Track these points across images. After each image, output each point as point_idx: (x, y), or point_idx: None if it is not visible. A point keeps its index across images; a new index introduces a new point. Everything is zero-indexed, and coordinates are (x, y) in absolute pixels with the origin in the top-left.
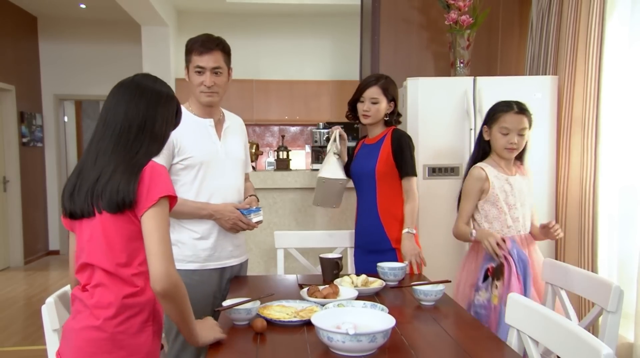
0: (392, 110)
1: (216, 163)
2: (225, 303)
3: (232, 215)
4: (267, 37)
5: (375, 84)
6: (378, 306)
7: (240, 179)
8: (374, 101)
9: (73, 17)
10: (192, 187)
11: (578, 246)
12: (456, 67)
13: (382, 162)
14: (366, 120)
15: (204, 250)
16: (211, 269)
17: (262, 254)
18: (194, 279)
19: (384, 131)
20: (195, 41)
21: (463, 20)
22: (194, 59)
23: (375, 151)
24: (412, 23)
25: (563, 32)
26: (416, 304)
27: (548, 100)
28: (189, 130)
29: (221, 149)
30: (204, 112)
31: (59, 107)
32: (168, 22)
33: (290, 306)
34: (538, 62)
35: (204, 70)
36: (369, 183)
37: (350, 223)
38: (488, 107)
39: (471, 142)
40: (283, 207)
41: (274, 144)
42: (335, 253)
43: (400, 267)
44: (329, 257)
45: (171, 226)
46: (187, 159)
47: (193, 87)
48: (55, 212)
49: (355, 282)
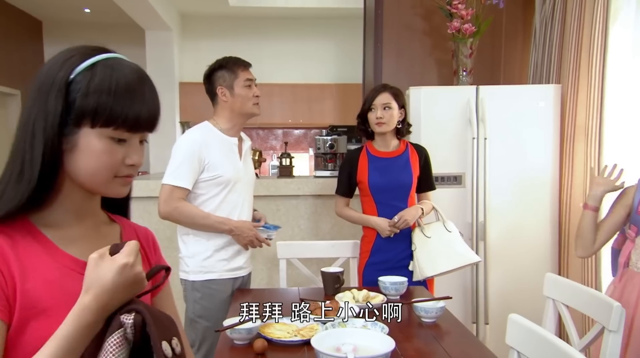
0: (402, 118)
1: (238, 181)
2: (226, 323)
3: (250, 233)
4: (270, 40)
5: (384, 90)
6: (379, 325)
7: (253, 197)
8: (386, 106)
9: (78, 22)
10: (214, 202)
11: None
12: (459, 76)
13: (415, 176)
14: (381, 127)
15: (220, 261)
16: (226, 279)
17: (265, 262)
18: (212, 288)
19: (401, 144)
20: (235, 60)
21: (466, 28)
22: (241, 74)
23: (403, 164)
24: (415, 30)
25: (566, 40)
26: (417, 320)
27: (551, 108)
28: (218, 147)
29: (242, 168)
30: (232, 130)
31: None
32: (172, 26)
33: (291, 324)
34: (541, 71)
35: (253, 82)
36: (400, 197)
37: (354, 231)
38: (491, 115)
39: (474, 151)
40: (286, 214)
41: (277, 147)
42: (337, 265)
43: (401, 281)
44: (330, 271)
45: (189, 238)
46: (217, 176)
47: (240, 101)
48: None
49: (356, 297)
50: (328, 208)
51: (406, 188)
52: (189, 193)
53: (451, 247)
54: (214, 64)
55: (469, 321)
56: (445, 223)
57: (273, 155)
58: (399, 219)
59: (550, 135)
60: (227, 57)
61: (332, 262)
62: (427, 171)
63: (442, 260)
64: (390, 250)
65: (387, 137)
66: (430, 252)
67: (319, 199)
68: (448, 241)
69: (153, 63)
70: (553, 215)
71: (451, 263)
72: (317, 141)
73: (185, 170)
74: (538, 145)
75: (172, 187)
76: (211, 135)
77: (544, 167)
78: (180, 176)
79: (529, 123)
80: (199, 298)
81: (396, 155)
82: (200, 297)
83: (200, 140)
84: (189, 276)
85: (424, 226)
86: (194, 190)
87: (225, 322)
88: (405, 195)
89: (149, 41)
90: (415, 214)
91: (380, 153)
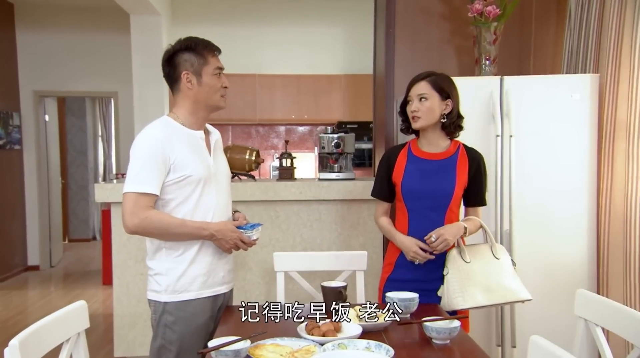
0: (449, 110)
1: (210, 179)
2: (212, 344)
3: (233, 235)
4: (271, 25)
5: (422, 79)
6: (383, 347)
7: (230, 195)
8: (422, 97)
9: (54, 4)
10: (186, 206)
11: (623, 272)
12: (481, 65)
13: (460, 186)
14: (417, 123)
15: (197, 277)
16: (205, 298)
17: (263, 274)
18: (188, 312)
19: (451, 145)
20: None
21: (489, 11)
22: (211, 60)
23: (447, 169)
24: (432, 13)
25: (606, 23)
26: (428, 342)
27: (588, 101)
28: (183, 143)
29: (213, 163)
30: (196, 123)
31: (39, 104)
32: (160, 10)
33: (285, 345)
34: (577, 58)
35: (221, 71)
36: (436, 207)
37: (363, 242)
38: (517, 110)
39: (498, 150)
40: (287, 222)
41: (279, 147)
42: (340, 279)
43: (411, 298)
44: (331, 285)
45: (155, 254)
46: (186, 176)
47: (207, 91)
48: (35, 222)
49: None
50: (334, 215)
51: (445, 198)
52: (157, 200)
53: (495, 278)
54: (179, 44)
55: (492, 344)
56: (493, 247)
57: (274, 155)
58: (436, 238)
59: (586, 133)
60: (193, 37)
61: (337, 275)
62: (478, 182)
63: (478, 291)
64: (418, 267)
65: (432, 135)
66: (466, 281)
67: (324, 205)
68: (492, 270)
69: (139, 51)
70: (590, 224)
71: (490, 298)
72: (321, 139)
73: (150, 173)
74: (572, 144)
75: (137, 194)
76: (173, 130)
77: (579, 169)
78: (145, 180)
79: (561, 118)
80: (171, 323)
81: (442, 157)
82: (173, 321)
83: (162, 136)
84: (160, 296)
85: (464, 248)
86: (161, 195)
87: (211, 342)
88: (443, 206)
89: (134, 27)
90: (457, 233)
91: (423, 153)
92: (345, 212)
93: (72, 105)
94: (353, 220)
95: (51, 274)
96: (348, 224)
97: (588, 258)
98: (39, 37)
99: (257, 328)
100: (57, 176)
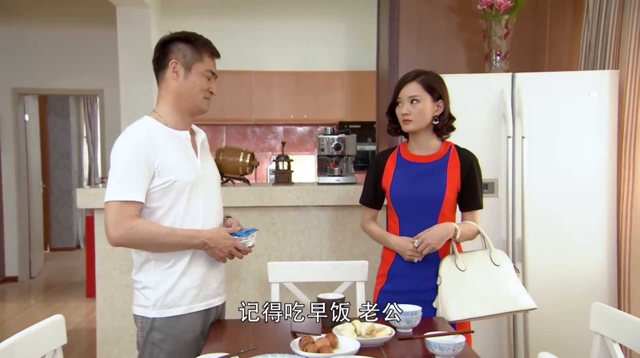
0: (441, 111)
1: (198, 183)
2: None
3: (227, 243)
4: (268, 18)
5: (413, 79)
6: None
7: (221, 200)
8: (414, 99)
9: None
10: (175, 213)
11: None
12: (491, 61)
13: (452, 189)
14: (408, 126)
15: (188, 290)
16: (196, 313)
17: (257, 286)
18: (177, 328)
19: (442, 147)
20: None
21: (500, 3)
22: (207, 60)
23: (438, 172)
24: (439, 6)
25: (626, 15)
26: None
27: (606, 99)
28: (167, 145)
29: (200, 166)
30: (180, 122)
31: (19, 103)
32: (148, 2)
33: None
34: (595, 54)
35: (214, 77)
36: (426, 212)
37: (366, 251)
38: (530, 109)
39: (509, 152)
40: (283, 229)
41: (277, 148)
42: (340, 290)
43: (414, 311)
44: (328, 298)
45: (142, 266)
46: (172, 181)
47: (191, 87)
48: (14, 231)
49: (359, 330)
50: (333, 222)
51: (435, 203)
52: (142, 209)
53: (492, 286)
54: (178, 34)
55: None
56: (492, 253)
57: (272, 158)
58: (419, 243)
59: (605, 133)
60: (197, 34)
61: (336, 287)
62: (472, 184)
63: (475, 301)
64: (412, 277)
65: (422, 137)
66: (461, 290)
67: (323, 211)
68: (489, 277)
69: (126, 46)
70: (610, 232)
71: (488, 308)
72: (320, 141)
73: (133, 179)
74: (589, 146)
75: (120, 203)
76: (156, 131)
77: (598, 173)
78: (128, 187)
79: (578, 118)
80: (159, 341)
81: (431, 160)
82: (161, 339)
83: (144, 139)
84: (148, 312)
85: (458, 255)
86: (146, 203)
87: None
88: (434, 211)
89: (121, 20)
90: (442, 235)
91: (413, 156)
92: (346, 218)
93: (54, 103)
94: (354, 228)
95: (31, 286)
96: (349, 232)
97: (608, 269)
98: (18, 31)
99: (248, 344)
100: (38, 180)
